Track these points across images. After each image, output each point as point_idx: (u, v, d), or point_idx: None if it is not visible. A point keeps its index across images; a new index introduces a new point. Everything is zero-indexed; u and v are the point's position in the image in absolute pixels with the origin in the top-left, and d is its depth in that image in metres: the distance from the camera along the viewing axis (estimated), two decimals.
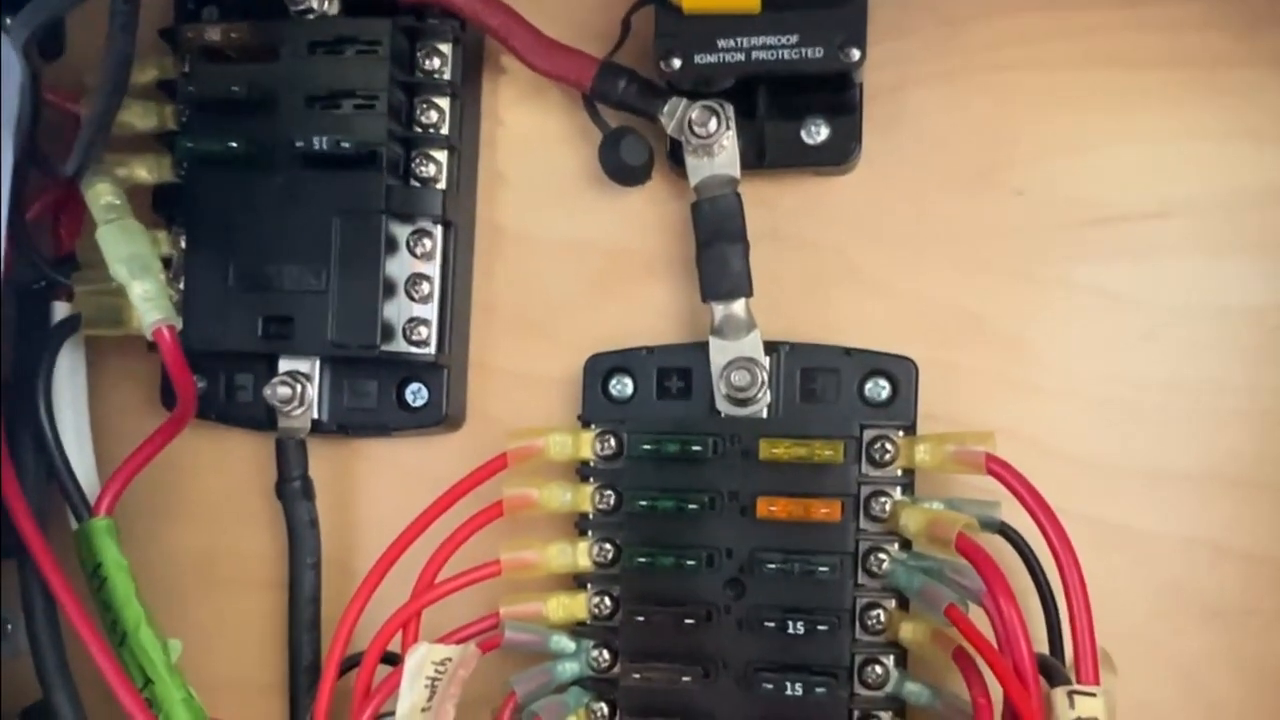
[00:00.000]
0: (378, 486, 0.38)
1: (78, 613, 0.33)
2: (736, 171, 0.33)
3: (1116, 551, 0.33)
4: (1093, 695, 0.27)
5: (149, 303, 0.33)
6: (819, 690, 0.31)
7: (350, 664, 0.34)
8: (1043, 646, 0.30)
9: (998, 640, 0.28)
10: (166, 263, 0.36)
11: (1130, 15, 0.33)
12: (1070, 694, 0.27)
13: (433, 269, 0.35)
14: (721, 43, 0.31)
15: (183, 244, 0.35)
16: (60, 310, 0.36)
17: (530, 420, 0.36)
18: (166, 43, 0.35)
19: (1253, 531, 0.33)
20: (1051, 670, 0.28)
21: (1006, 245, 0.34)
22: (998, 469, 0.30)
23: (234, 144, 0.34)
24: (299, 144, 0.33)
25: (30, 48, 0.24)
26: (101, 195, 0.33)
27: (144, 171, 0.36)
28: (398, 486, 0.38)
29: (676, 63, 0.31)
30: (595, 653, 0.33)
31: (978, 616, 0.29)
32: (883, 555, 0.32)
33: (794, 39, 0.30)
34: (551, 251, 0.37)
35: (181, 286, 0.35)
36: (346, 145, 0.33)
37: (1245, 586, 0.33)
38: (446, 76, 0.34)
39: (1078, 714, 0.26)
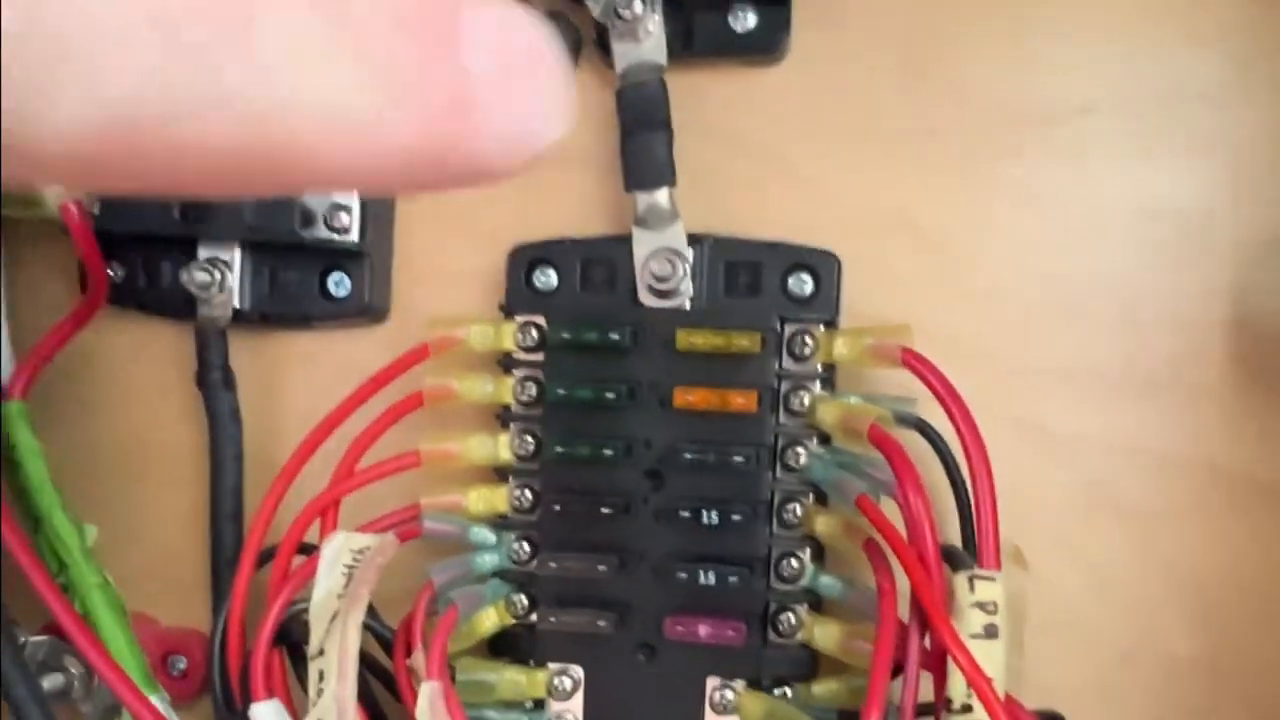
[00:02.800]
0: (302, 379, 0.38)
1: None
2: (663, 58, 0.32)
3: (1035, 452, 0.33)
4: (992, 580, 0.27)
5: None
6: (732, 580, 0.31)
7: (268, 556, 0.34)
8: (957, 540, 0.30)
9: (907, 530, 0.29)
10: None
11: None
12: (971, 579, 0.27)
13: None
14: None
15: None
16: None
17: (454, 311, 0.36)
18: None
19: (1169, 434, 0.33)
20: (955, 557, 0.28)
21: (937, 143, 0.33)
22: (913, 362, 0.30)
23: None
24: None
25: None
26: None
27: None
28: (322, 380, 0.37)
29: None
30: (516, 545, 0.33)
31: (892, 510, 0.29)
32: (801, 449, 0.32)
33: None
34: None
35: None
36: None
37: (1160, 488, 0.33)
38: None
39: (977, 598, 0.27)
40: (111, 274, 0.36)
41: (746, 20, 0.33)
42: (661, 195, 0.32)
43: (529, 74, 0.13)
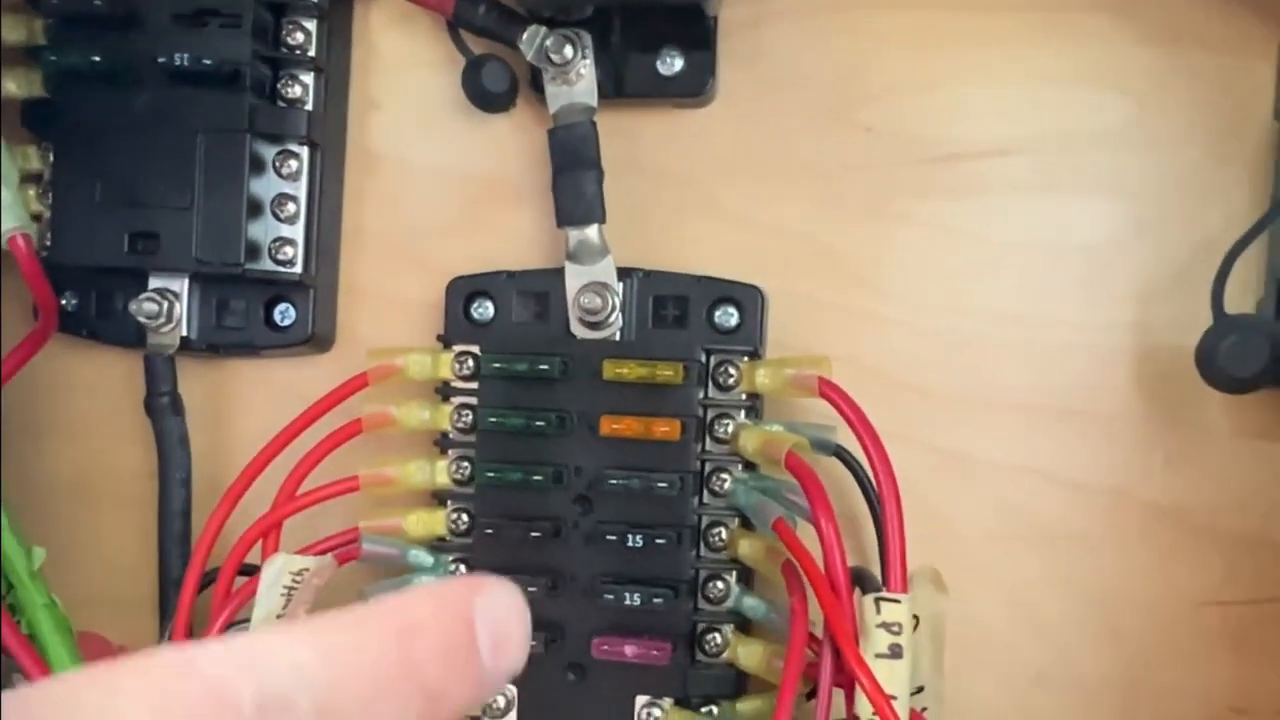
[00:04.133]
0: (249, 406, 0.39)
1: None
2: (593, 100, 0.33)
3: (952, 478, 0.35)
4: (897, 601, 0.28)
5: (5, 211, 0.33)
6: (657, 601, 0.32)
7: (213, 577, 0.35)
8: (878, 565, 0.32)
9: (821, 554, 0.30)
10: (38, 178, 0.36)
11: None
12: (877, 600, 0.28)
13: (299, 189, 0.35)
14: None
15: (52, 159, 0.36)
16: None
17: (398, 341, 0.37)
18: None
19: (1081, 460, 0.34)
20: (866, 580, 0.30)
21: (856, 180, 0.35)
22: (829, 392, 0.31)
23: (97, 59, 0.34)
24: (162, 60, 0.34)
25: None
26: None
27: (13, 85, 0.36)
28: (268, 406, 0.38)
29: None
30: (452, 567, 0.35)
31: (811, 536, 0.30)
32: (725, 475, 0.33)
33: None
34: (421, 176, 0.37)
35: (50, 201, 0.36)
36: (208, 63, 0.33)
37: (1073, 512, 0.34)
38: None
39: (883, 618, 0.28)
40: (64, 303, 0.37)
41: (674, 65, 0.34)
42: (592, 231, 0.33)
43: (513, 634, 0.18)
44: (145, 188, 0.35)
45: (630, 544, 0.32)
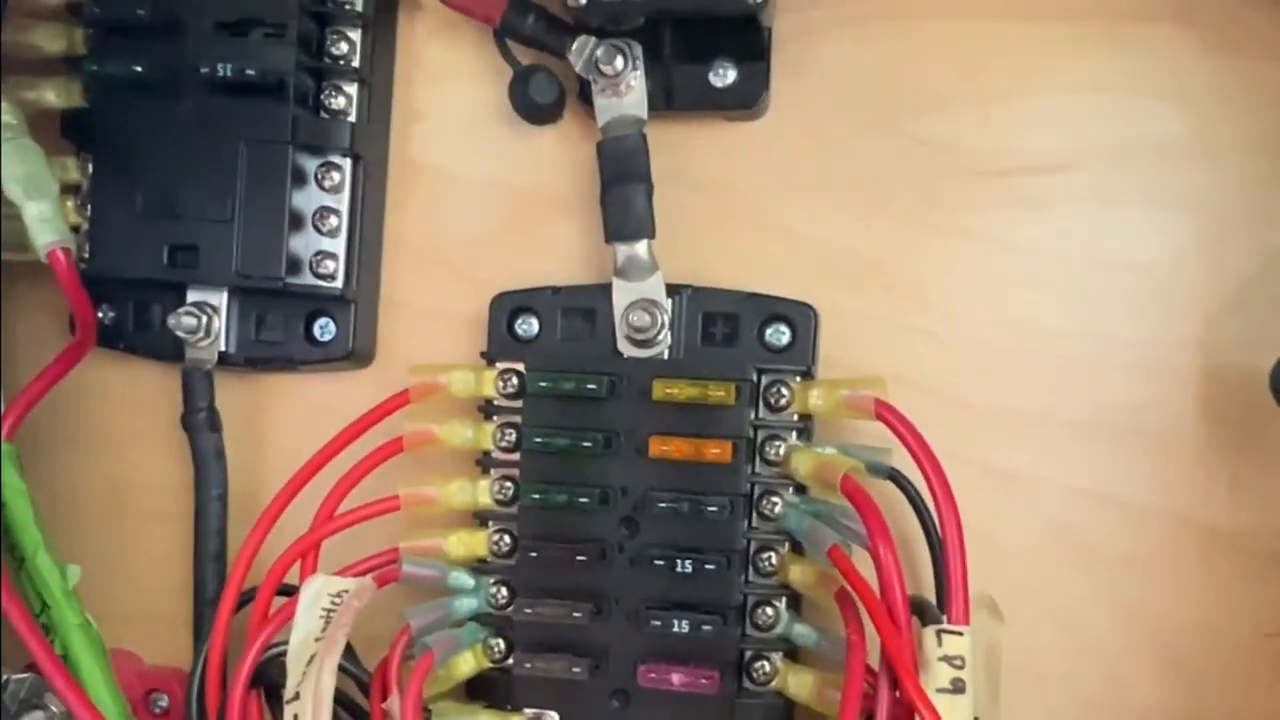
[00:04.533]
0: (286, 421, 0.38)
1: None
2: (643, 112, 0.33)
3: (1003, 497, 0.34)
4: (960, 634, 0.27)
5: (44, 224, 0.33)
6: (705, 628, 0.32)
7: (250, 596, 0.34)
8: (932, 592, 0.31)
9: (878, 583, 0.29)
10: (76, 189, 0.35)
11: None
12: (938, 632, 0.27)
13: (341, 202, 0.35)
14: None
15: (91, 170, 0.35)
16: None
17: (438, 356, 0.36)
18: None
19: (1140, 482, 0.33)
20: (925, 610, 0.29)
21: (908, 192, 0.34)
22: (886, 414, 0.31)
23: (139, 69, 0.34)
24: (205, 70, 0.33)
25: None
26: None
27: (53, 95, 0.35)
28: (307, 421, 0.38)
29: (583, 0, 0.31)
30: (494, 589, 0.34)
31: (865, 562, 0.30)
32: (776, 499, 0.32)
33: None
34: (464, 188, 0.37)
35: (89, 213, 0.35)
36: (252, 74, 0.33)
37: (1125, 533, 0.34)
38: (358, 8, 0.34)
39: (944, 651, 0.27)
40: (101, 316, 0.36)
41: (726, 76, 0.33)
42: (641, 247, 0.33)
43: None
44: (185, 199, 0.34)
45: (679, 569, 0.32)
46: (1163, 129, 0.33)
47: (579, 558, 0.32)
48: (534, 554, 0.33)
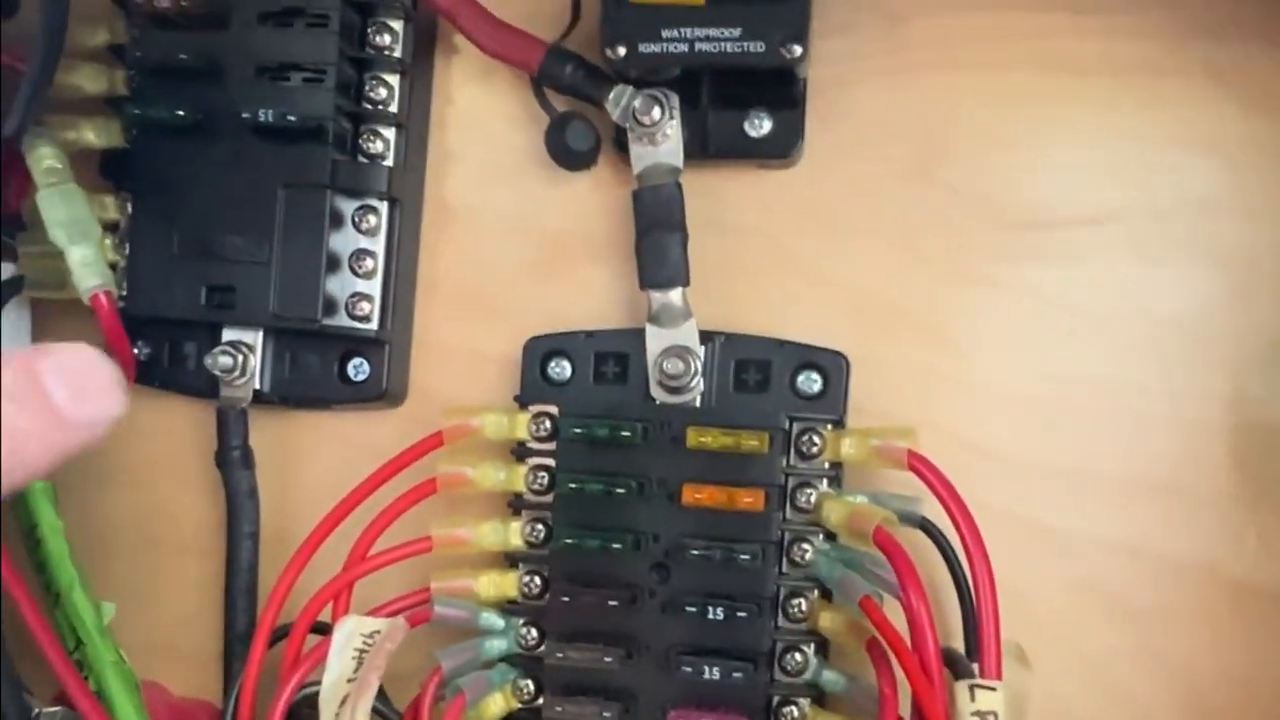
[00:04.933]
0: (318, 458, 0.38)
1: (10, 573, 0.33)
2: (679, 161, 0.33)
3: (1034, 548, 0.34)
4: (993, 689, 0.27)
5: (87, 268, 0.33)
6: (736, 675, 0.32)
7: (282, 633, 0.34)
8: (959, 639, 0.31)
9: (910, 634, 0.29)
10: (113, 228, 0.36)
11: (1071, 21, 0.33)
12: (971, 687, 0.27)
13: (377, 245, 0.35)
14: (666, 33, 0.31)
15: (129, 209, 0.35)
16: (5, 270, 0.36)
17: (470, 397, 0.37)
18: (118, 6, 0.35)
19: (1169, 534, 0.33)
20: (957, 663, 0.29)
21: (942, 242, 0.34)
22: (918, 465, 0.31)
23: (181, 112, 0.34)
24: (245, 115, 0.33)
25: None
26: (43, 159, 0.33)
27: (92, 135, 0.36)
28: (337, 458, 0.38)
29: (621, 51, 0.31)
30: (524, 631, 0.34)
31: (895, 609, 0.30)
32: (806, 545, 0.32)
33: (736, 33, 0.31)
34: (497, 230, 0.37)
35: (127, 252, 0.35)
36: (292, 119, 0.33)
37: (1157, 587, 0.34)
38: (397, 54, 0.34)
39: (977, 707, 0.27)
40: (136, 353, 0.36)
41: (762, 126, 0.34)
42: (675, 295, 0.33)
43: (89, 384, 0.23)
44: (223, 240, 0.34)
45: (711, 616, 0.32)
46: (1197, 183, 0.33)
47: (611, 603, 0.33)
48: (566, 598, 0.33)
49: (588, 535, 0.33)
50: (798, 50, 0.30)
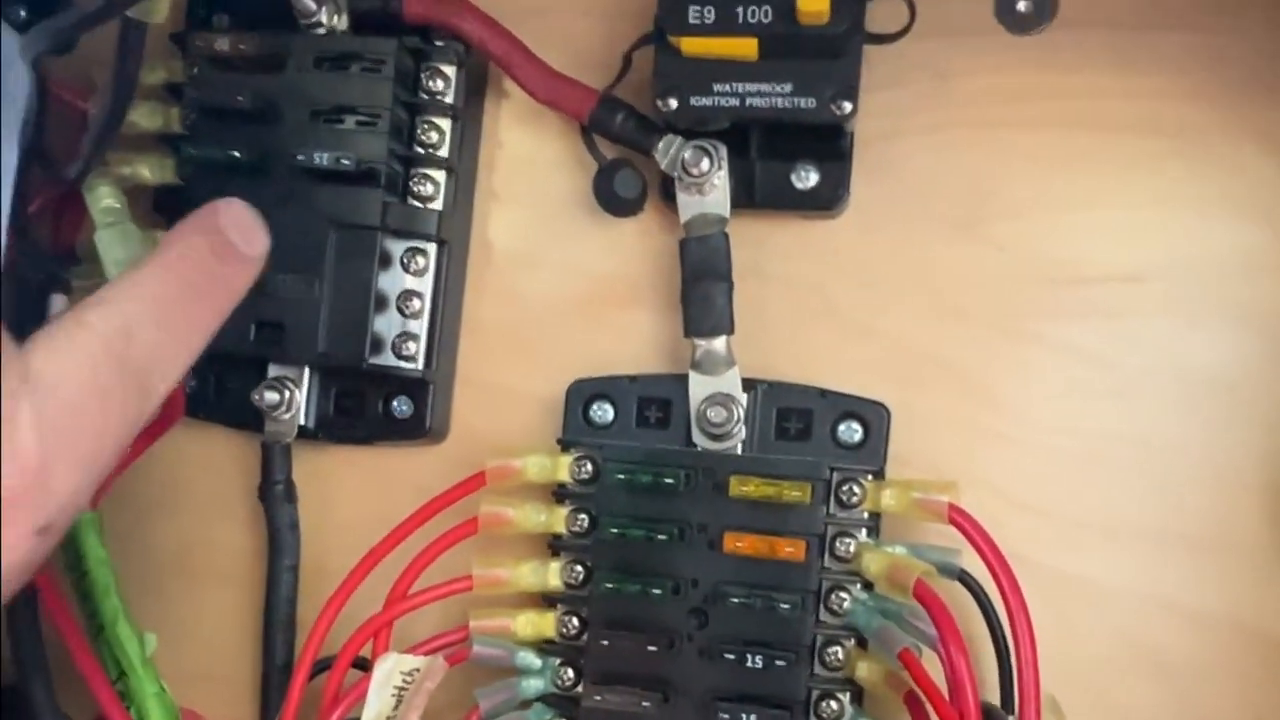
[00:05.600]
0: (358, 491, 0.39)
1: (56, 602, 0.34)
2: (726, 211, 0.33)
3: (1072, 601, 0.34)
4: None
5: None
6: None
7: (320, 667, 0.34)
8: (995, 692, 0.31)
9: (949, 688, 0.29)
10: None
11: (1118, 82, 0.34)
12: None
13: (425, 286, 0.35)
14: (717, 86, 0.32)
15: None
16: (58, 304, 0.37)
17: (510, 435, 0.37)
18: (176, 46, 0.36)
19: (1206, 591, 0.34)
20: (993, 717, 0.29)
21: (983, 296, 0.35)
22: (959, 519, 0.31)
23: (235, 152, 0.34)
24: (300, 157, 0.34)
25: (41, 58, 0.25)
26: (102, 199, 0.34)
27: (147, 171, 0.36)
28: (377, 492, 0.38)
29: (673, 103, 0.32)
30: (561, 671, 0.34)
31: (931, 659, 0.30)
32: (844, 594, 0.33)
33: (788, 88, 0.31)
34: (541, 273, 0.37)
35: None
36: (346, 162, 0.34)
37: (1194, 643, 0.34)
38: (449, 99, 0.35)
39: None
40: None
41: (808, 178, 0.34)
42: (719, 343, 0.33)
43: (252, 228, 0.30)
44: (273, 278, 0.35)
45: (750, 664, 0.32)
46: (1237, 244, 0.33)
47: (649, 648, 0.33)
48: (605, 641, 0.33)
49: (628, 580, 0.33)
50: (848, 107, 0.31)
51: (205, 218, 0.28)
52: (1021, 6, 0.33)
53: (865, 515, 0.33)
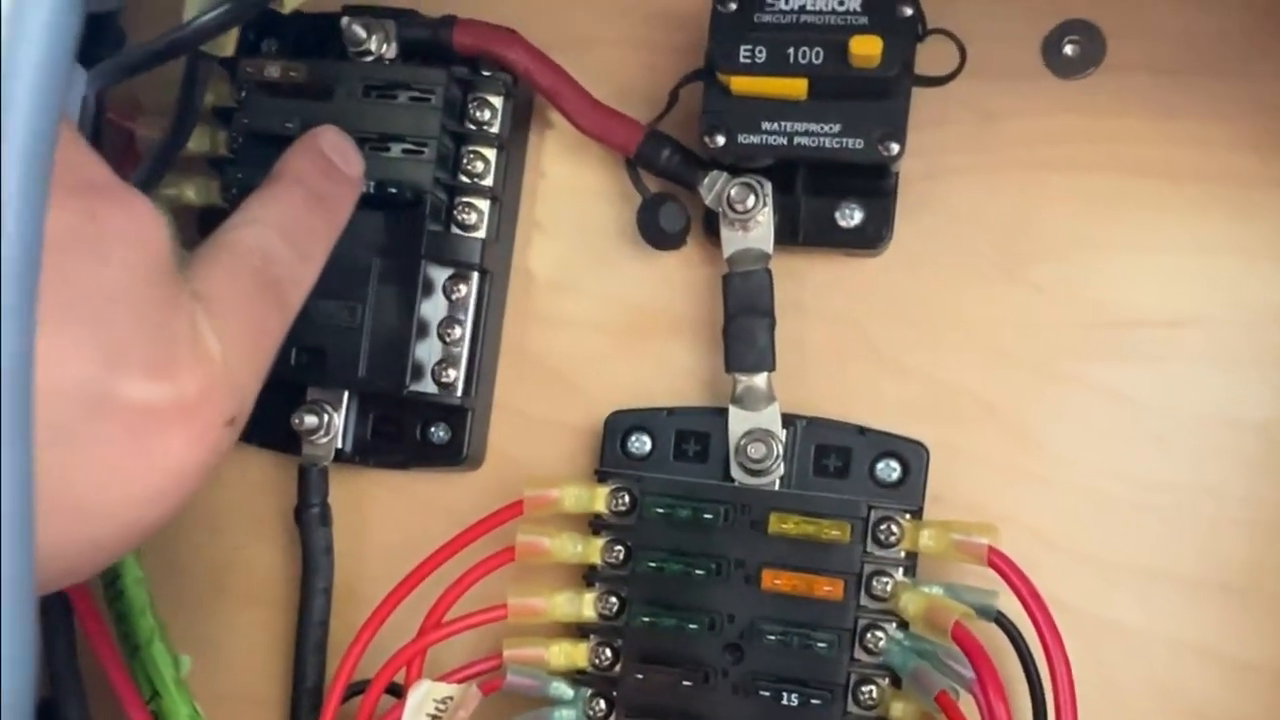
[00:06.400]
0: (392, 515, 0.39)
1: (93, 621, 0.34)
2: (769, 247, 0.33)
3: (1107, 646, 0.34)
4: None
5: None
6: None
7: (352, 691, 0.35)
8: None
9: None
10: None
11: (1163, 128, 0.34)
12: None
13: (466, 314, 0.36)
14: (766, 125, 0.32)
15: None
16: None
17: (545, 464, 0.37)
18: (226, 70, 0.36)
19: (1244, 638, 0.33)
20: None
21: (1023, 338, 0.35)
22: (999, 563, 0.31)
23: None
24: None
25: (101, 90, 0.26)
26: None
27: (192, 193, 0.37)
28: (412, 517, 0.39)
29: (721, 140, 0.32)
30: (593, 702, 0.34)
31: (967, 701, 0.30)
32: (880, 633, 0.33)
33: (836, 128, 0.31)
34: (581, 303, 0.38)
35: None
36: (392, 189, 0.34)
37: (1232, 692, 0.33)
38: (495, 130, 0.35)
39: None
40: None
41: (853, 217, 0.34)
42: (760, 379, 0.33)
43: (349, 151, 0.32)
44: (315, 304, 0.34)
45: (785, 701, 0.32)
46: (1278, 291, 0.33)
47: (684, 682, 0.33)
48: (639, 675, 0.33)
49: (664, 614, 0.33)
50: (895, 148, 0.31)
51: (308, 143, 0.31)
52: (1067, 50, 0.33)
53: (902, 554, 0.33)
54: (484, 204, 0.35)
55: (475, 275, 0.35)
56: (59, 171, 0.14)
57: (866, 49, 0.29)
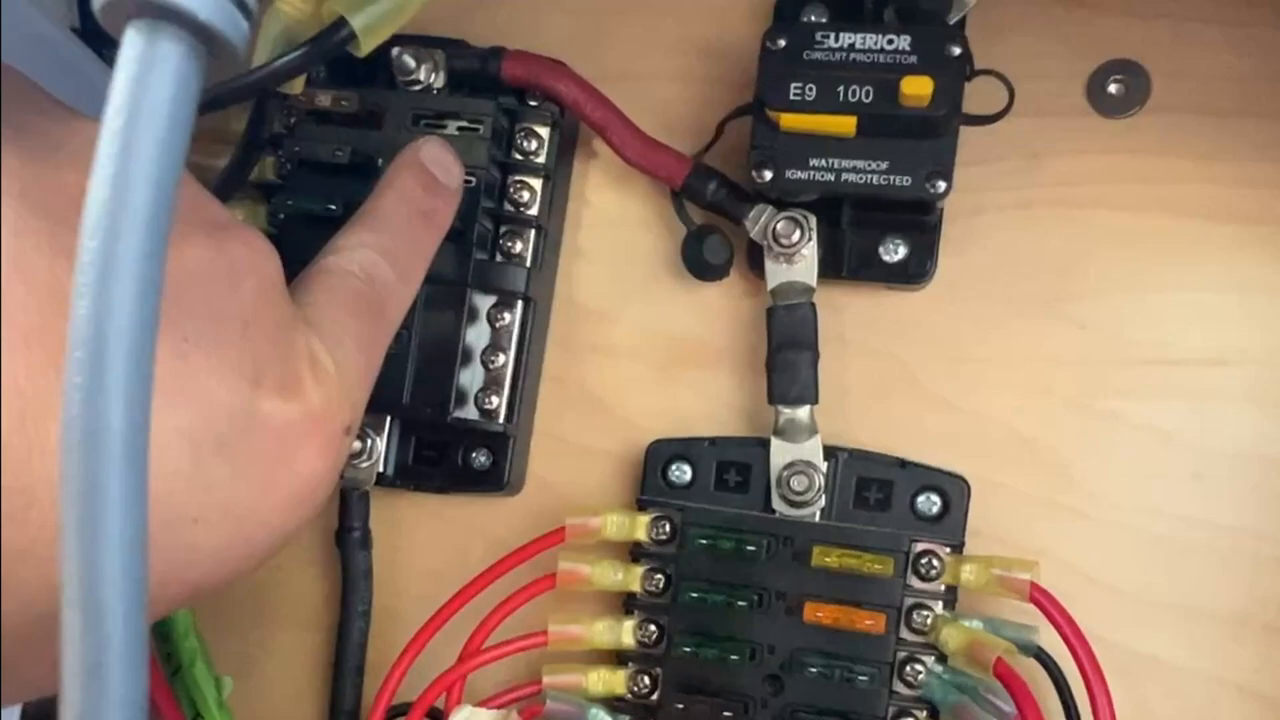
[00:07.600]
0: (431, 539, 0.39)
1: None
2: (813, 280, 0.34)
3: (1145, 682, 0.34)
4: None
5: None
6: None
7: (392, 715, 0.35)
8: None
9: None
10: None
11: (1206, 168, 0.34)
12: None
13: (509, 341, 0.36)
14: (813, 161, 0.32)
15: None
16: None
17: (585, 492, 0.37)
18: (276, 97, 0.37)
19: (1278, 676, 0.34)
20: None
21: (1065, 374, 0.35)
22: (1040, 599, 0.31)
23: (331, 205, 0.35)
24: None
25: None
26: None
27: (241, 218, 0.37)
28: (451, 541, 0.39)
29: (768, 175, 0.32)
30: None
31: None
32: (919, 666, 0.33)
33: (884, 165, 0.31)
34: (623, 332, 0.38)
35: None
36: None
37: None
38: (541, 160, 0.35)
39: None
40: None
41: (897, 252, 0.34)
42: (803, 411, 0.34)
43: (450, 162, 0.33)
44: None
45: None
46: None
47: (725, 713, 0.33)
48: (679, 705, 0.33)
49: (705, 644, 0.33)
50: (943, 186, 0.31)
51: (409, 157, 0.32)
52: (1112, 89, 0.34)
53: (943, 588, 0.33)
54: (529, 233, 0.36)
55: (519, 303, 0.36)
56: (187, 210, 0.15)
57: (918, 89, 0.30)
